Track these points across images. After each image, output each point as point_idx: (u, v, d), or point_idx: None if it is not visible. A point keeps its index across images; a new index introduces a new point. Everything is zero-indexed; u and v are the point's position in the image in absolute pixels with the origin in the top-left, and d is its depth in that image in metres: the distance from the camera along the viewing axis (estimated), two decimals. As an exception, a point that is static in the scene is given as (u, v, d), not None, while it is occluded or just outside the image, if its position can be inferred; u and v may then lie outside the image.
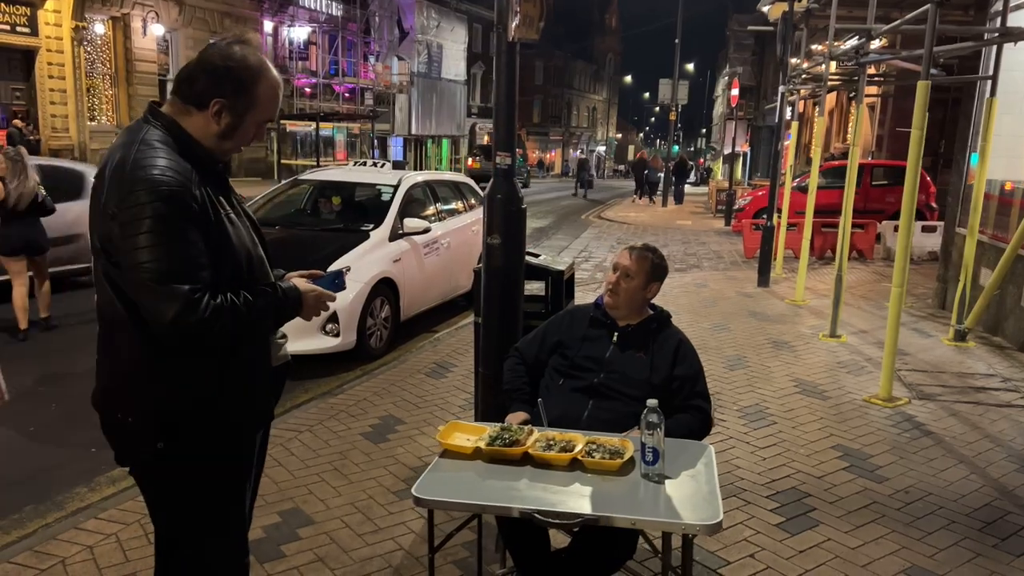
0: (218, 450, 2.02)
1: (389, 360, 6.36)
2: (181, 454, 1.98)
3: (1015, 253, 6.13)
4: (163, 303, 1.81)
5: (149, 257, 1.79)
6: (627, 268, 2.98)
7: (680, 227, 18.35)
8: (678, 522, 2.09)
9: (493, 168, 3.96)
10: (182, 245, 1.83)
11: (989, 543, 3.46)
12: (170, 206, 1.81)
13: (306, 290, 2.13)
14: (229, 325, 1.88)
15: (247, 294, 1.95)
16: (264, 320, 2.04)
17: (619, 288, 2.97)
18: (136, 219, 1.79)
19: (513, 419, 2.86)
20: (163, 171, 1.84)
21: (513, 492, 2.25)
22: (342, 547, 3.35)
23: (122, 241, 1.82)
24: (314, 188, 7.98)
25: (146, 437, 1.98)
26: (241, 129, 2.00)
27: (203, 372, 1.96)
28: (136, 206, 1.80)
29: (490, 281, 4.01)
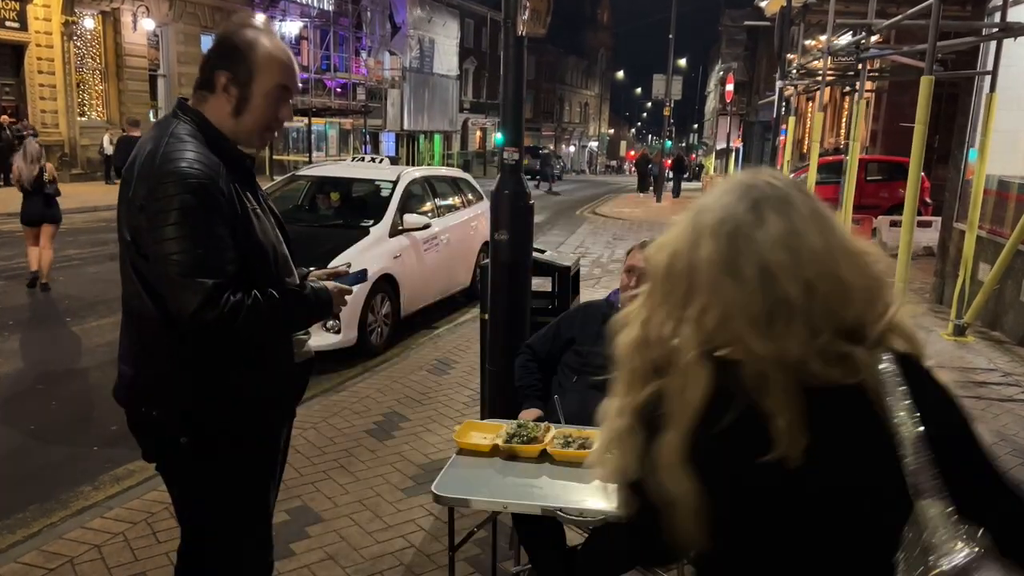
0: (242, 446, 2.01)
1: (390, 357, 6.33)
2: (205, 450, 1.97)
3: (1015, 248, 6.15)
4: (186, 296, 1.79)
5: (175, 249, 1.78)
6: (644, 269, 2.96)
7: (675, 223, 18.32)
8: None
9: (499, 162, 3.93)
10: (208, 238, 1.81)
11: (998, 537, 3.47)
12: (198, 198, 1.80)
13: (331, 287, 2.12)
14: (252, 321, 1.86)
15: (274, 292, 1.93)
16: (293, 319, 2.03)
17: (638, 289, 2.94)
18: (164, 211, 1.79)
19: (527, 416, 2.85)
20: (191, 164, 1.82)
21: (534, 489, 2.24)
22: (352, 545, 3.33)
23: (149, 233, 1.81)
24: (312, 184, 7.93)
25: (171, 432, 1.97)
26: (251, 102, 1.95)
27: (227, 368, 1.95)
28: (164, 198, 1.79)
29: (497, 277, 3.99)
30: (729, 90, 24.28)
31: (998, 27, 6.31)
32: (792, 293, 1.03)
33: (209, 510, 2.07)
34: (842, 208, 10.00)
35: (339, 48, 33.13)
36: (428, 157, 42.85)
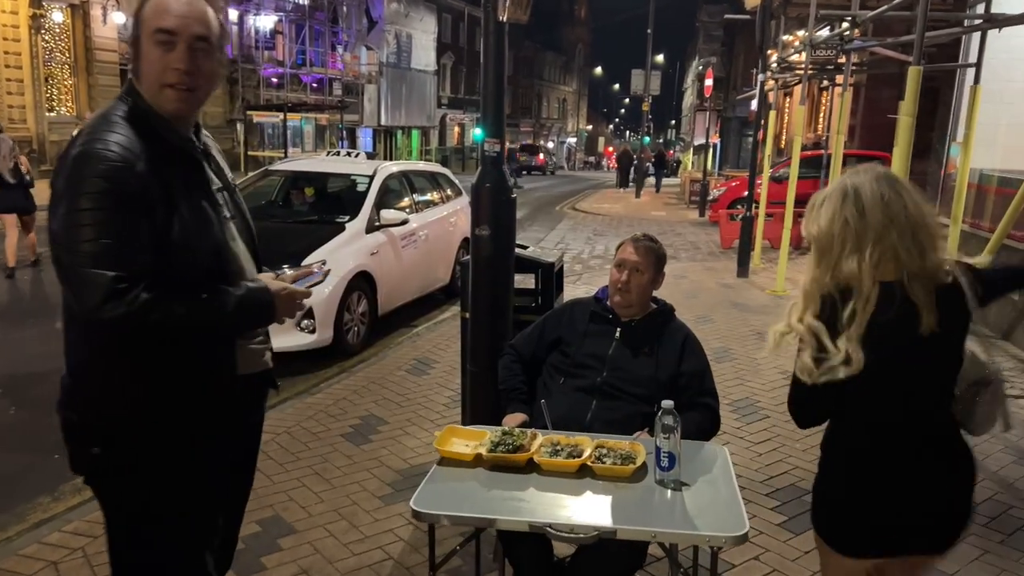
0: (163, 463, 1.81)
1: (367, 357, 6.15)
2: (120, 463, 1.79)
3: (1001, 241, 6.09)
4: (87, 289, 1.63)
5: (82, 237, 1.62)
6: (636, 263, 2.82)
7: (655, 218, 18.29)
8: (702, 534, 1.94)
9: (480, 155, 3.77)
10: (116, 228, 1.64)
11: (995, 539, 3.38)
12: (108, 183, 1.63)
13: (277, 288, 1.91)
14: (167, 322, 1.69)
15: (206, 292, 1.75)
16: (222, 321, 1.81)
17: (630, 286, 2.80)
18: (73, 195, 1.64)
19: (511, 421, 2.70)
20: (107, 145, 1.66)
21: (521, 503, 2.08)
22: (327, 558, 3.16)
23: (60, 220, 1.66)
24: (286, 179, 7.71)
25: (85, 440, 1.81)
26: (142, 58, 1.76)
27: (145, 373, 1.76)
28: (75, 182, 1.64)
29: (478, 274, 3.83)
30: (708, 85, 24.23)
31: (982, 18, 6.24)
32: (918, 238, 1.78)
33: (126, 532, 1.87)
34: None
35: (315, 43, 32.70)
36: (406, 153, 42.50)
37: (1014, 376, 5.73)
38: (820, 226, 1.83)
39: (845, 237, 1.79)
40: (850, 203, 1.80)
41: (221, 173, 2.00)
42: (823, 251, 1.83)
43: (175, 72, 1.74)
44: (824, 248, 1.83)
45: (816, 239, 1.84)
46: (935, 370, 1.86)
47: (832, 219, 1.81)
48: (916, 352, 1.79)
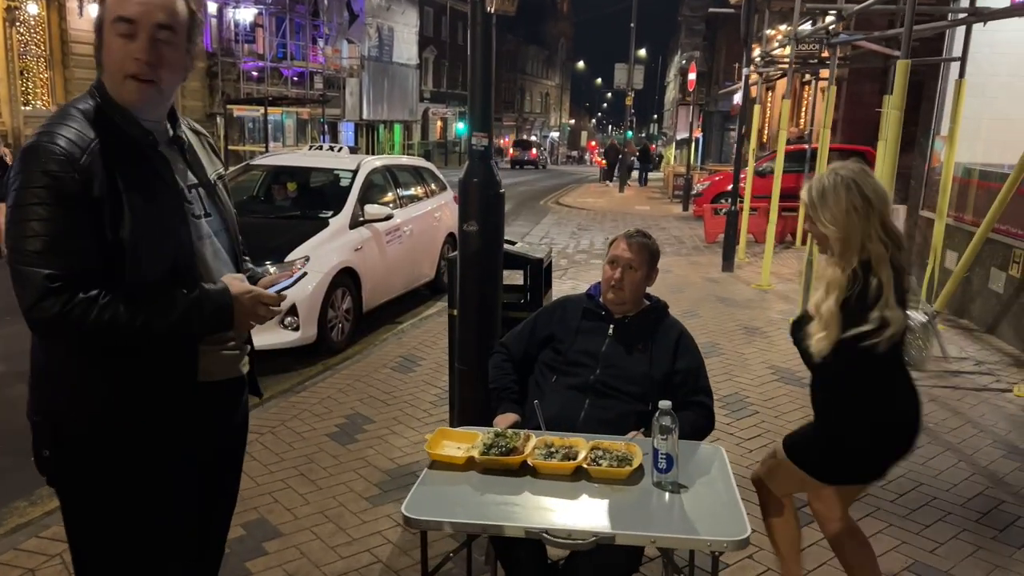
0: (117, 469, 1.74)
1: (352, 354, 6.06)
2: (72, 467, 1.74)
3: (986, 235, 6.11)
4: (20, 288, 1.59)
5: (18, 233, 1.59)
6: (630, 260, 2.77)
7: (639, 212, 18.28)
8: (702, 538, 1.89)
9: (468, 149, 3.69)
10: (54, 224, 1.58)
11: (988, 535, 3.37)
12: (48, 178, 1.58)
13: (239, 291, 1.79)
14: (106, 325, 1.61)
15: (154, 294, 1.67)
16: (171, 325, 1.69)
17: (624, 283, 2.75)
18: (17, 190, 1.60)
19: (502, 421, 2.64)
20: (53, 139, 1.60)
21: (515, 508, 2.02)
22: (314, 562, 3.09)
23: (6, 214, 1.64)
24: (267, 174, 7.59)
25: (39, 442, 1.77)
26: (104, 44, 1.68)
27: (98, 377, 1.71)
28: (20, 176, 1.60)
29: (467, 271, 3.76)
30: (692, 79, 24.23)
31: (967, 11, 6.24)
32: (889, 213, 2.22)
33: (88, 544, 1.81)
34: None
35: (296, 36, 32.39)
36: (388, 147, 42.26)
37: (999, 369, 5.75)
38: (837, 218, 2.17)
39: (861, 222, 2.16)
40: (855, 194, 2.18)
41: (198, 168, 1.91)
42: (847, 239, 2.17)
43: (136, 62, 1.66)
44: (848, 236, 2.17)
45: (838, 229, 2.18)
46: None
47: (847, 210, 2.16)
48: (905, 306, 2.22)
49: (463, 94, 57.58)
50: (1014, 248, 6.28)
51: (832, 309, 2.16)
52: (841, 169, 2.24)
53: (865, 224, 2.17)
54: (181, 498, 1.85)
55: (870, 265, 2.15)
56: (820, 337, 2.20)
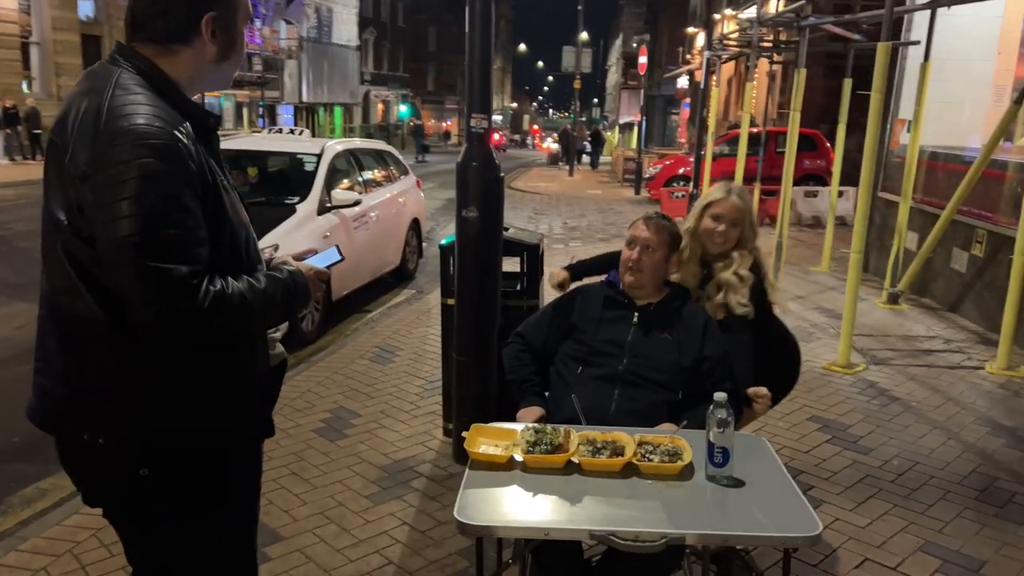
0: (219, 474, 1.65)
1: (325, 345, 5.86)
2: (174, 482, 1.59)
3: (951, 217, 6.25)
4: (152, 288, 1.42)
5: (134, 229, 1.40)
6: (648, 240, 2.68)
7: (592, 196, 18.30)
8: (776, 535, 1.82)
9: (466, 131, 3.55)
10: (177, 214, 1.44)
11: (990, 512, 3.42)
12: (163, 164, 1.42)
13: (305, 270, 1.77)
14: (234, 317, 1.51)
15: (251, 279, 1.56)
16: (273, 310, 1.64)
17: (642, 264, 2.66)
18: (118, 181, 1.40)
19: (528, 415, 2.53)
20: (151, 120, 1.44)
21: (572, 509, 1.92)
22: (322, 566, 2.94)
23: (98, 210, 1.42)
24: (226, 158, 7.24)
25: (125, 463, 1.57)
26: (238, 40, 1.62)
27: (194, 376, 1.57)
28: (117, 164, 1.40)
29: (465, 258, 3.63)
30: (643, 62, 24.32)
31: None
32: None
33: (187, 561, 1.67)
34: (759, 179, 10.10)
35: (232, 15, 31.33)
36: (329, 130, 41.40)
37: (967, 347, 5.90)
38: (752, 211, 2.84)
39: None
40: (747, 197, 2.87)
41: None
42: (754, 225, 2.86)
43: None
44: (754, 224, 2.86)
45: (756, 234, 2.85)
46: None
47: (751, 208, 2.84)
48: None
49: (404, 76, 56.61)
50: (976, 228, 6.44)
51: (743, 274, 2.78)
52: (742, 186, 2.97)
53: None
54: (258, 496, 1.84)
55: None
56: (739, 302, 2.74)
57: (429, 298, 7.03)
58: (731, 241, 2.78)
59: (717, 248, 2.79)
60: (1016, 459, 3.96)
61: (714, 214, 2.77)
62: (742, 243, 2.81)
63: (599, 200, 17.29)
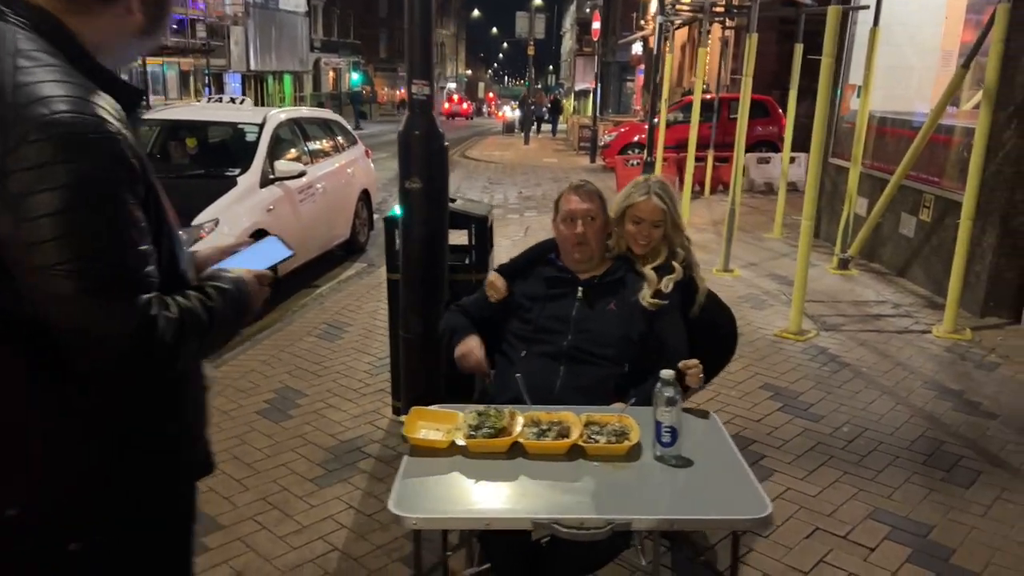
0: (163, 513, 1.40)
1: (271, 322, 5.68)
2: (109, 551, 1.31)
3: (900, 182, 6.28)
4: (103, 324, 1.13)
5: (65, 256, 1.09)
6: (588, 210, 2.60)
7: (547, 165, 18.16)
8: (724, 518, 1.76)
9: (408, 100, 3.39)
10: (122, 229, 1.15)
11: (937, 477, 3.45)
12: (98, 163, 1.12)
13: (248, 276, 1.45)
14: (194, 343, 1.25)
15: (200, 296, 1.29)
16: (225, 328, 1.36)
17: (587, 235, 2.58)
18: (37, 191, 1.08)
19: (467, 346, 2.49)
20: (78, 106, 1.11)
21: (514, 496, 1.83)
22: (263, 555, 2.82)
23: (15, 225, 1.09)
24: (162, 129, 6.95)
25: (45, 537, 1.25)
26: (167, 11, 1.33)
27: (138, 417, 1.30)
28: (36, 168, 1.08)
29: (410, 232, 3.50)
30: (596, 28, 24.07)
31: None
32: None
33: None
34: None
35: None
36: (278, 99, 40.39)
37: (915, 311, 5.97)
38: (676, 206, 2.70)
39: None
40: (669, 192, 2.71)
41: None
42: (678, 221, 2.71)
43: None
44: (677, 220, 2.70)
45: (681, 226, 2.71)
46: None
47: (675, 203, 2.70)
48: None
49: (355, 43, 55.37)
50: (924, 193, 6.49)
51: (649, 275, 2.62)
52: (664, 181, 2.75)
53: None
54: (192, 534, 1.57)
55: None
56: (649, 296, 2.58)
57: (380, 272, 6.85)
58: (655, 240, 2.65)
59: (641, 249, 2.67)
60: (962, 422, 4.01)
61: (635, 217, 2.65)
62: (669, 240, 2.67)
63: (554, 169, 17.17)
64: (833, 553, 2.88)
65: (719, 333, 2.83)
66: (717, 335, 2.81)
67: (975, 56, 5.40)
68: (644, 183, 2.73)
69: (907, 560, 2.84)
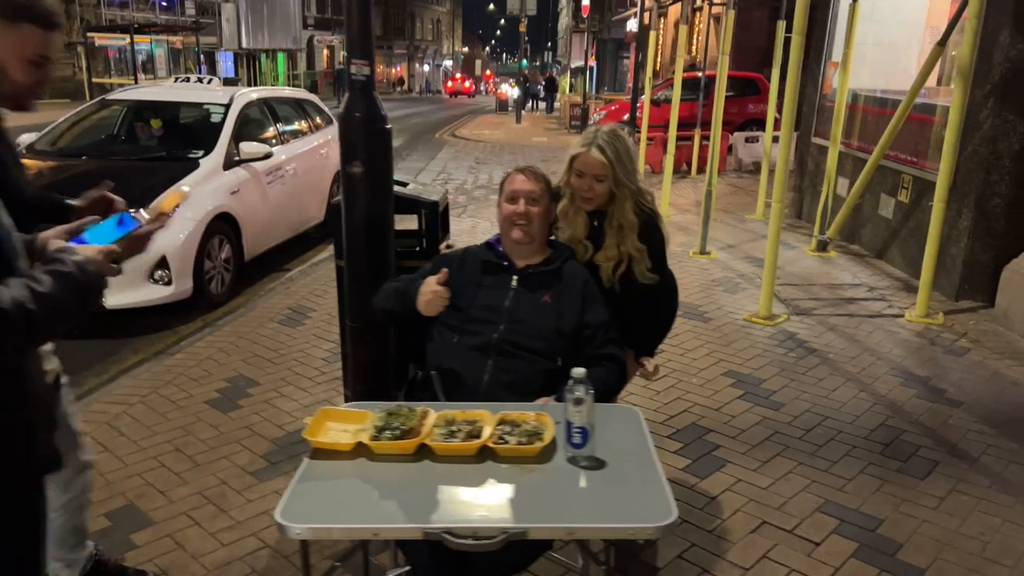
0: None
1: (234, 307, 5.59)
2: None
3: (878, 162, 6.16)
4: None
5: None
6: (531, 192, 2.50)
7: (537, 144, 17.98)
8: (624, 527, 1.68)
9: (347, 79, 3.27)
10: None
11: (892, 467, 3.37)
12: None
13: (92, 253, 1.43)
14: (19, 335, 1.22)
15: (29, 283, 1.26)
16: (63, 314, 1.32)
17: (531, 214, 2.49)
18: None
19: (428, 289, 2.38)
20: None
21: (412, 502, 1.75)
22: (191, 552, 2.75)
23: None
24: (128, 109, 6.81)
25: None
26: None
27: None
28: None
29: (353, 218, 3.38)
30: (586, 3, 23.80)
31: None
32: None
33: None
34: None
35: (161, -45, 29.74)
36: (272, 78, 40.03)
37: (890, 294, 5.88)
38: (625, 159, 2.56)
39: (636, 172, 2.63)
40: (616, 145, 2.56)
41: None
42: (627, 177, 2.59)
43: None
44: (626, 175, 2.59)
45: (631, 182, 2.59)
46: None
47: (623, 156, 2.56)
48: None
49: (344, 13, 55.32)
50: (903, 174, 6.37)
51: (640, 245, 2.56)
52: (619, 130, 2.59)
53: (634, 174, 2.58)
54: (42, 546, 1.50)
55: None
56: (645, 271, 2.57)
57: (351, 255, 6.76)
58: (601, 196, 2.56)
59: (588, 205, 2.58)
60: (925, 410, 3.93)
61: (577, 170, 2.56)
62: (616, 196, 2.57)
63: (543, 147, 17.00)
64: (777, 548, 2.81)
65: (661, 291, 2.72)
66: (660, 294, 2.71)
67: (951, 33, 5.25)
68: (592, 133, 2.60)
69: (852, 555, 2.77)
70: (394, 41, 59.33)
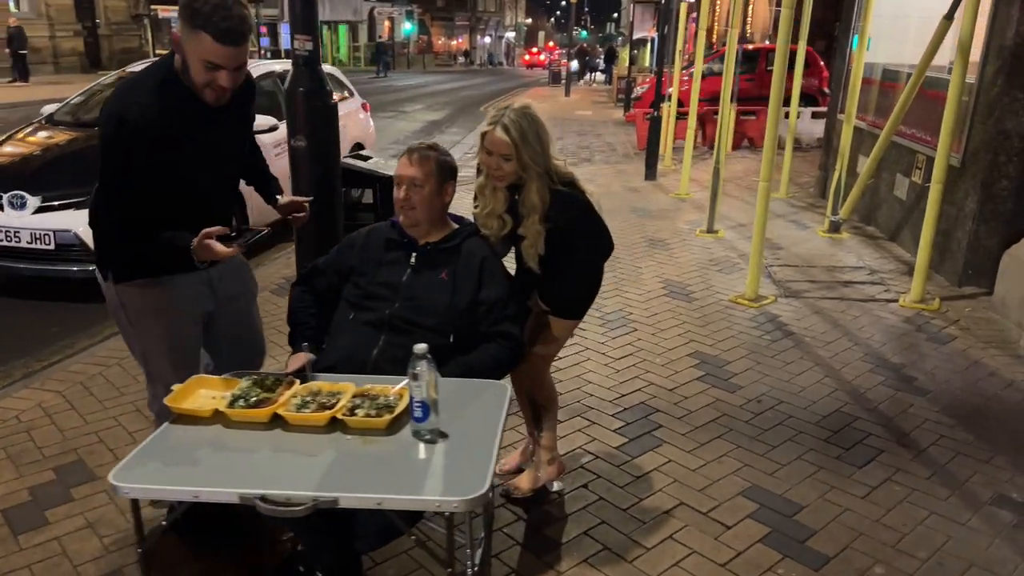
0: None
1: (234, 276, 5.76)
2: None
3: (888, 140, 5.93)
4: None
5: None
6: (413, 177, 2.51)
7: (579, 117, 17.81)
8: (430, 499, 1.72)
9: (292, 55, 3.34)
10: None
11: (832, 455, 3.31)
12: None
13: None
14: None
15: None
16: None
17: (412, 201, 2.51)
18: None
19: (293, 363, 2.42)
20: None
21: (246, 468, 1.84)
22: (120, 507, 2.91)
23: None
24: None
25: None
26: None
27: None
28: None
29: (299, 190, 3.48)
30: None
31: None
32: None
33: None
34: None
35: (222, -72, 30.27)
36: (333, 50, 40.54)
37: (891, 279, 5.68)
38: (533, 139, 2.56)
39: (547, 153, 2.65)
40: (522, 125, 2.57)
41: None
42: (536, 157, 2.60)
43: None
44: (546, 165, 2.63)
45: (536, 164, 2.57)
46: None
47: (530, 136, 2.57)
48: None
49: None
50: (917, 153, 6.12)
51: (540, 229, 2.58)
52: (529, 109, 2.60)
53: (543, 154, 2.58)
54: None
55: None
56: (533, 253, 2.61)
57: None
58: (509, 175, 2.57)
59: (500, 183, 2.59)
60: (886, 398, 3.83)
61: (486, 148, 2.57)
62: (526, 176, 2.57)
63: (585, 121, 16.82)
64: (686, 530, 2.81)
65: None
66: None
67: (958, 6, 4.99)
68: (502, 111, 2.58)
69: (760, 540, 2.75)
70: (456, 12, 59.24)
